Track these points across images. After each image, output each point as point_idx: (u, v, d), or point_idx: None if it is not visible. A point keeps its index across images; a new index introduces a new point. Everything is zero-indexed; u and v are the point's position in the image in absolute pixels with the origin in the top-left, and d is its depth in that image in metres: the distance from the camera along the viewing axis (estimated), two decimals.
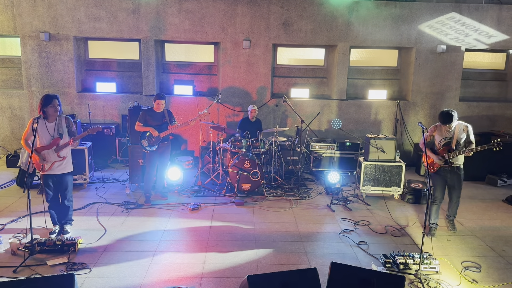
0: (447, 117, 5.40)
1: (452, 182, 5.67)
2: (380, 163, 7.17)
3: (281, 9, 8.89)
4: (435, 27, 9.11)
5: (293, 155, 8.24)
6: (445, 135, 5.55)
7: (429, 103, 9.45)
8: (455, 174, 5.63)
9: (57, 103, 5.15)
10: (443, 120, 5.44)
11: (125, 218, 6.11)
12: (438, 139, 5.63)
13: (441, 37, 9.16)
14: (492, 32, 9.19)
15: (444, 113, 5.43)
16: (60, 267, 4.65)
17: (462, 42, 9.23)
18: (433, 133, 5.68)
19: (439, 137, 5.60)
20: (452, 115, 5.39)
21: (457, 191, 5.73)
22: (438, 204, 5.76)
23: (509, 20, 9.13)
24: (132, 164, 7.31)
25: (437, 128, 5.64)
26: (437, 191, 5.72)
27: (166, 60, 9.59)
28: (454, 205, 5.85)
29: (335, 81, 9.32)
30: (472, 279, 4.69)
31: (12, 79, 9.44)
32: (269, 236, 5.65)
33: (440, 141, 5.60)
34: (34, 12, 8.69)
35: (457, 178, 5.64)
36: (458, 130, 5.50)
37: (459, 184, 5.68)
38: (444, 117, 5.42)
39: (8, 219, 5.90)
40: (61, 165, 5.30)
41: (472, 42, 9.25)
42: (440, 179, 5.69)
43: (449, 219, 5.97)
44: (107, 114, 9.23)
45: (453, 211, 5.89)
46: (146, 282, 4.45)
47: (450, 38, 9.18)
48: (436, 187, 5.71)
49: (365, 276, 3.90)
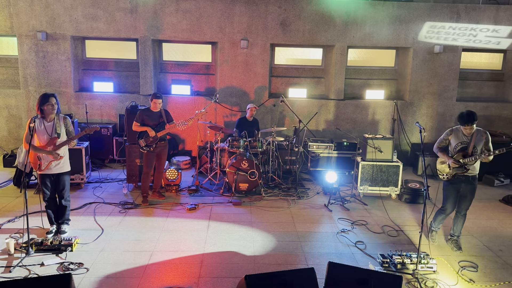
0: (469, 117, 5.01)
1: (465, 192, 5.28)
2: (378, 163, 7.18)
3: (278, 9, 8.89)
4: (433, 27, 9.13)
5: (291, 155, 8.24)
6: (462, 139, 5.19)
7: (426, 103, 9.47)
8: (469, 184, 5.24)
9: (54, 101, 5.14)
10: (465, 120, 5.02)
11: (122, 218, 6.09)
12: (453, 144, 5.25)
13: (439, 37, 9.18)
14: (489, 33, 9.22)
15: (466, 113, 5.04)
16: (57, 267, 4.64)
17: (459, 42, 9.25)
18: (449, 137, 5.30)
19: (455, 141, 5.23)
20: (474, 115, 5.01)
21: (467, 202, 5.33)
22: (445, 215, 5.48)
23: (506, 21, 9.16)
24: (130, 163, 7.29)
25: (453, 132, 5.28)
26: (448, 202, 5.39)
27: (163, 59, 9.58)
28: (460, 221, 5.42)
29: (333, 81, 9.33)
30: (469, 279, 4.70)
31: (9, 79, 9.41)
32: (266, 236, 5.65)
33: (456, 145, 5.22)
34: (31, 11, 8.67)
35: (471, 188, 5.26)
36: (476, 135, 5.12)
37: (472, 195, 5.30)
38: (466, 117, 5.02)
39: (5, 219, 5.88)
40: (58, 165, 5.28)
41: (469, 42, 9.27)
42: (453, 189, 5.32)
43: (453, 239, 5.49)
44: (104, 113, 9.21)
45: (458, 228, 5.45)
46: (143, 282, 4.44)
47: (447, 38, 9.20)
48: (448, 198, 5.38)
49: (363, 276, 3.91)
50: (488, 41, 9.29)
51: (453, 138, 5.27)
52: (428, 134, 9.56)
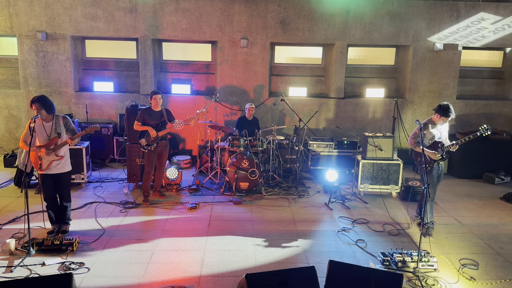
0: (449, 110, 5.51)
1: (439, 175, 5.81)
2: (378, 161, 7.18)
3: (278, 7, 8.89)
4: (433, 25, 9.12)
5: (291, 153, 8.24)
6: (436, 131, 5.66)
7: (426, 101, 9.47)
8: (440, 167, 5.79)
9: (38, 106, 5.06)
10: (446, 112, 5.52)
11: (123, 218, 6.10)
12: (430, 136, 5.67)
13: (439, 35, 9.17)
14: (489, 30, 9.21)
15: (445, 105, 5.53)
16: (58, 267, 4.65)
17: (459, 40, 9.24)
18: (424, 131, 5.65)
19: (431, 134, 5.66)
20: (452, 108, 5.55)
21: (439, 183, 5.89)
22: (431, 202, 5.86)
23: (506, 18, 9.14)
24: (130, 163, 7.30)
25: (428, 126, 5.67)
26: (432, 188, 5.70)
27: (163, 59, 9.58)
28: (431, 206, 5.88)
29: (333, 80, 9.33)
30: (470, 277, 4.71)
31: (9, 79, 9.41)
32: (267, 235, 5.65)
33: (432, 137, 5.66)
34: (31, 11, 8.67)
35: (442, 169, 5.84)
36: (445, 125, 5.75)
37: (442, 175, 5.90)
38: (447, 110, 5.52)
39: (6, 219, 5.88)
40: (59, 165, 5.29)
41: (469, 40, 9.26)
42: (434, 176, 5.74)
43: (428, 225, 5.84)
44: (104, 113, 9.22)
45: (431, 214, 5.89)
46: (144, 281, 4.45)
47: (447, 36, 9.19)
48: (432, 185, 5.71)
49: (363, 274, 3.92)
50: (488, 39, 9.28)
51: (429, 132, 5.68)
52: None
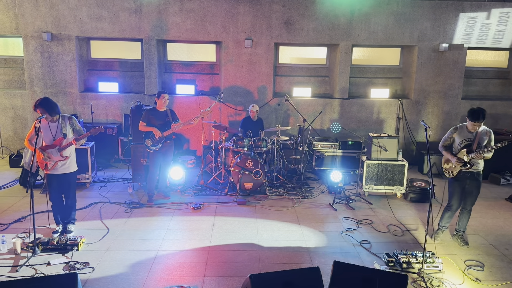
0: (479, 114, 5.05)
1: (470, 189, 5.34)
2: (383, 162, 7.15)
3: (282, 8, 8.88)
4: (438, 25, 9.08)
5: (295, 154, 8.23)
6: (466, 136, 5.23)
7: (431, 102, 9.43)
8: (474, 180, 5.30)
9: (42, 111, 5.07)
10: (476, 116, 5.06)
11: (127, 218, 6.12)
12: (458, 141, 5.29)
13: (444, 35, 9.13)
14: (495, 30, 9.16)
15: (477, 109, 5.08)
16: (63, 267, 4.67)
17: (464, 40, 9.20)
18: (453, 135, 5.34)
19: (460, 138, 5.27)
20: (485, 113, 5.07)
21: (472, 198, 5.38)
22: (452, 212, 5.51)
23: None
24: (135, 163, 7.32)
25: (457, 129, 5.32)
26: (453, 198, 5.43)
27: (168, 59, 9.60)
28: (465, 216, 5.48)
29: (337, 80, 9.31)
30: (475, 278, 4.68)
31: (15, 79, 9.47)
32: (271, 235, 5.65)
33: (460, 142, 5.26)
34: (36, 12, 8.71)
35: (476, 185, 5.31)
36: (480, 132, 5.19)
37: (477, 191, 5.35)
38: (477, 113, 5.06)
39: (11, 219, 5.92)
40: (65, 165, 5.31)
41: (474, 40, 9.22)
42: (458, 186, 5.37)
43: (458, 234, 5.56)
44: (109, 113, 9.25)
45: (464, 223, 5.51)
46: (148, 281, 4.45)
47: (452, 36, 9.15)
48: (453, 195, 5.42)
49: (368, 275, 3.90)
50: (493, 39, 9.23)
51: (457, 136, 5.33)
52: (434, 132, 9.52)
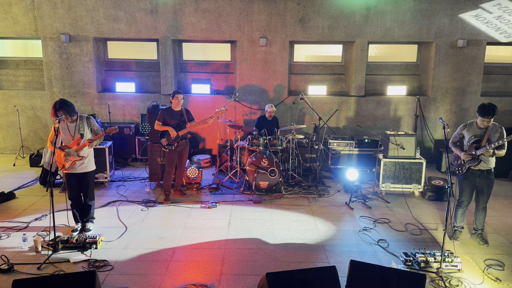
0: (489, 109, 4.96)
1: (481, 187, 5.27)
2: (400, 160, 7.07)
3: (297, 5, 8.85)
4: (456, 21, 8.92)
5: (311, 152, 8.20)
6: (476, 132, 5.17)
7: (449, 99, 9.28)
8: (484, 179, 5.23)
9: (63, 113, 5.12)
10: (485, 112, 4.98)
11: (145, 216, 6.19)
12: (467, 137, 5.23)
13: (462, 30, 8.97)
14: None
15: (487, 105, 4.98)
16: (82, 264, 4.74)
17: (483, 36, 9.02)
18: (463, 131, 5.30)
19: (469, 134, 5.21)
20: (495, 108, 4.97)
21: (485, 196, 5.31)
22: (464, 208, 5.44)
23: None
24: (152, 162, 7.39)
25: (467, 126, 5.27)
26: (464, 195, 5.39)
27: (183, 59, 9.67)
28: (481, 214, 5.40)
29: (353, 78, 9.23)
30: (496, 277, 4.59)
31: (34, 80, 9.66)
32: (287, 234, 5.64)
33: (469, 138, 5.20)
34: (55, 14, 8.87)
35: (487, 183, 5.24)
36: (491, 128, 5.10)
37: (488, 189, 5.28)
38: (487, 108, 4.97)
39: (32, 217, 6.05)
40: (83, 164, 5.39)
41: (494, 35, 9.03)
42: (468, 183, 5.32)
43: (477, 233, 5.47)
44: (126, 113, 9.36)
45: (481, 222, 5.43)
46: (166, 279, 4.50)
47: (471, 31, 8.98)
48: (464, 191, 5.38)
49: (385, 274, 3.87)
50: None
51: (467, 132, 5.30)
52: (452, 130, 9.32)
